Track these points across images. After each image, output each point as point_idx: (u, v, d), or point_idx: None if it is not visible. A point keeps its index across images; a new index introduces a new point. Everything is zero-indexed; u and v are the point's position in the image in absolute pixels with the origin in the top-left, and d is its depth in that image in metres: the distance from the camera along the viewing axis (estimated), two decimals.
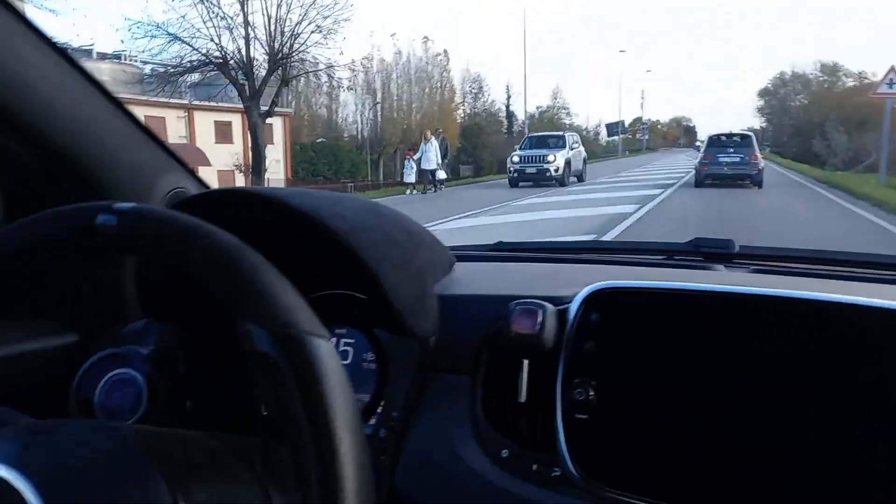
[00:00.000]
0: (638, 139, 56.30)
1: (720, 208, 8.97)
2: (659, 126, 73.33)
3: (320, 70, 15.18)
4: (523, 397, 0.57)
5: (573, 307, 0.57)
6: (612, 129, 47.88)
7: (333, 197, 0.64)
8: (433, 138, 14.22)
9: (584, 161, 16.82)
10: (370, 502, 0.35)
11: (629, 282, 0.58)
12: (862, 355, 0.49)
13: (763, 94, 48.76)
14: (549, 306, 0.58)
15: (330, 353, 0.36)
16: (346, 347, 0.77)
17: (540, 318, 0.57)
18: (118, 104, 0.80)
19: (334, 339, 0.78)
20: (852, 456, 0.47)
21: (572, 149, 15.42)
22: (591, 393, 0.53)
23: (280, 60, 13.59)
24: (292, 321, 0.36)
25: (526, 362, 0.57)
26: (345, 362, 0.75)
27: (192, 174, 0.96)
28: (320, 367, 0.35)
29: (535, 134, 19.08)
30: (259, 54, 13.70)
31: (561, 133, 17.11)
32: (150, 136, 0.87)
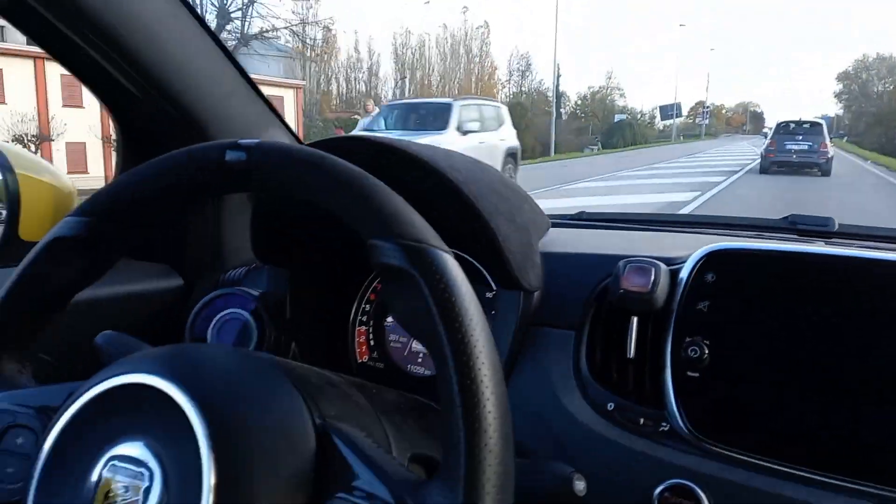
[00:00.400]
0: (697, 124, 53.30)
1: None
2: (723, 111, 70.21)
3: (284, 28, 13.36)
4: (632, 353, 0.57)
5: (688, 266, 0.57)
6: (667, 112, 42.98)
7: (444, 150, 0.65)
8: (376, 110, 9.32)
9: (512, 156, 9.18)
10: (507, 404, 0.36)
11: (748, 244, 0.57)
12: None
13: (842, 77, 46.00)
14: (663, 265, 0.58)
15: (457, 266, 0.38)
16: None
17: (653, 277, 0.57)
18: (228, 55, 0.83)
19: None
20: None
21: (467, 132, 8.17)
22: (706, 352, 0.53)
23: (231, 15, 11.94)
24: (421, 237, 0.38)
25: (635, 319, 0.58)
26: None
27: (290, 130, 0.99)
28: (451, 276, 0.37)
29: (400, 102, 11.14)
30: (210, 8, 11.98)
31: (446, 102, 8.77)
32: (255, 89, 0.90)
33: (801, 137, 12.73)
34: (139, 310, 0.87)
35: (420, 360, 0.78)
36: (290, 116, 18.61)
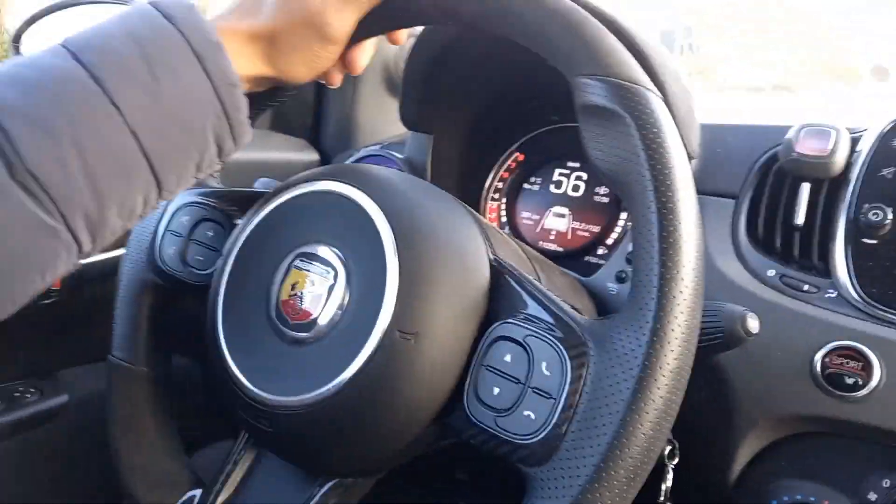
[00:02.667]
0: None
1: None
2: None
3: None
4: (801, 219, 0.55)
5: (874, 131, 0.54)
6: (668, 40, 20.88)
7: None
8: None
9: None
10: (703, 255, 0.35)
11: None
12: None
13: None
14: (843, 129, 0.54)
15: (667, 112, 0.36)
16: (577, 181, 0.79)
17: (832, 141, 0.53)
18: None
19: (568, 171, 0.80)
20: None
21: None
22: (888, 217, 0.50)
23: None
24: (635, 77, 0.36)
25: (806, 185, 0.55)
26: (576, 194, 0.77)
27: None
28: (663, 121, 0.35)
29: None
30: None
31: None
32: None
33: None
34: (280, 175, 0.92)
35: (552, 237, 0.78)
36: None
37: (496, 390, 0.35)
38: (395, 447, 0.38)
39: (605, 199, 0.74)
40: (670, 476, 0.51)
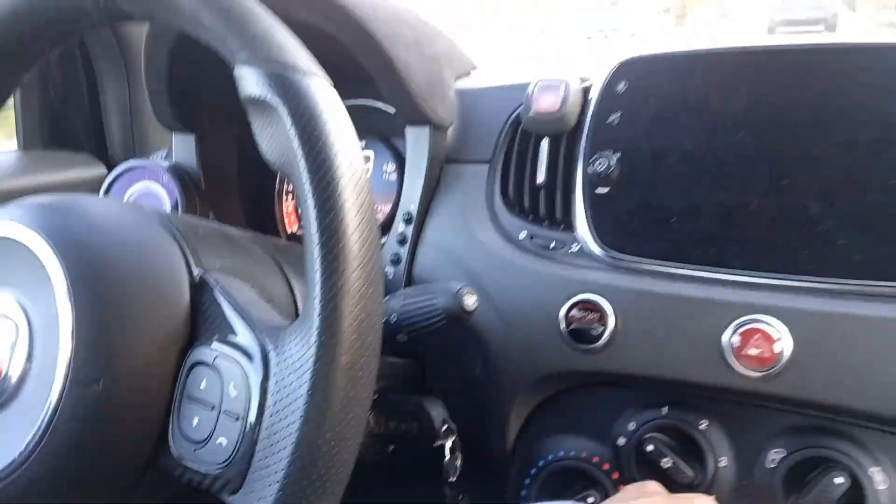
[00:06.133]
0: None
1: None
2: None
3: None
4: (542, 178, 0.54)
5: (599, 79, 0.54)
6: None
7: None
8: None
9: None
10: (376, 238, 0.33)
11: (662, 50, 0.53)
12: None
13: None
14: (572, 81, 0.54)
15: (330, 94, 0.34)
16: (365, 161, 0.76)
17: (562, 94, 0.53)
18: None
19: None
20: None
21: None
22: (612, 164, 0.50)
23: None
24: (290, 62, 0.33)
25: (546, 141, 0.55)
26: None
27: None
28: (318, 105, 0.32)
29: None
30: None
31: None
32: None
33: None
34: None
35: None
36: None
37: (196, 420, 0.34)
38: None
39: (394, 177, 0.72)
40: (447, 458, 0.51)
